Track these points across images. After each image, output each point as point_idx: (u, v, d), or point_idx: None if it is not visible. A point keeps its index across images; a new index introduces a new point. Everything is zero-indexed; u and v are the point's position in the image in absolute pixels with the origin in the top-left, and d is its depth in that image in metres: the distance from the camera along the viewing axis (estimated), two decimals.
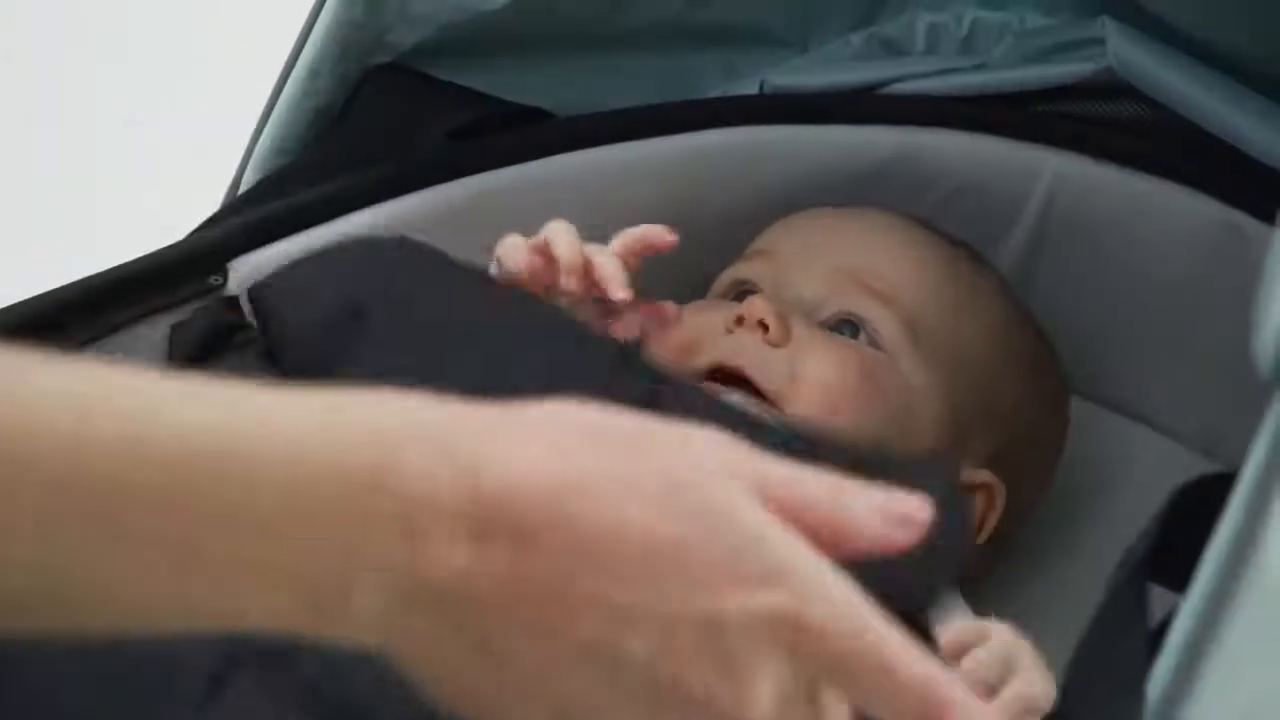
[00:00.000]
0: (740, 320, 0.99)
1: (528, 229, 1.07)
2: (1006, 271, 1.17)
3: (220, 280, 0.98)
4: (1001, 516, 1.02)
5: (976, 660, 0.81)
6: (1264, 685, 0.62)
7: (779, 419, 0.92)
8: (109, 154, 1.56)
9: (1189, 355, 1.13)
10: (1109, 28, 1.11)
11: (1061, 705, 0.67)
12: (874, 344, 1.01)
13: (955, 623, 0.82)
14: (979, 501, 1.02)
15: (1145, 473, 1.14)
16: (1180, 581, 0.64)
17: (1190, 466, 1.11)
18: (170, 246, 0.92)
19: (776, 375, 0.97)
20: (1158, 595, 0.70)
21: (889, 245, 1.05)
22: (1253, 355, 0.64)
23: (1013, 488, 1.03)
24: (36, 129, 1.59)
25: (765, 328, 0.98)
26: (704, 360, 0.99)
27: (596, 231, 1.11)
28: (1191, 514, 0.69)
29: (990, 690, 0.79)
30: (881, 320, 1.01)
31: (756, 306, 0.99)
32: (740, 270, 1.06)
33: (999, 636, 0.82)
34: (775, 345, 0.98)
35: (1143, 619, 0.67)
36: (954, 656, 0.81)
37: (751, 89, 1.20)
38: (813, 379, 0.97)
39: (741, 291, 1.05)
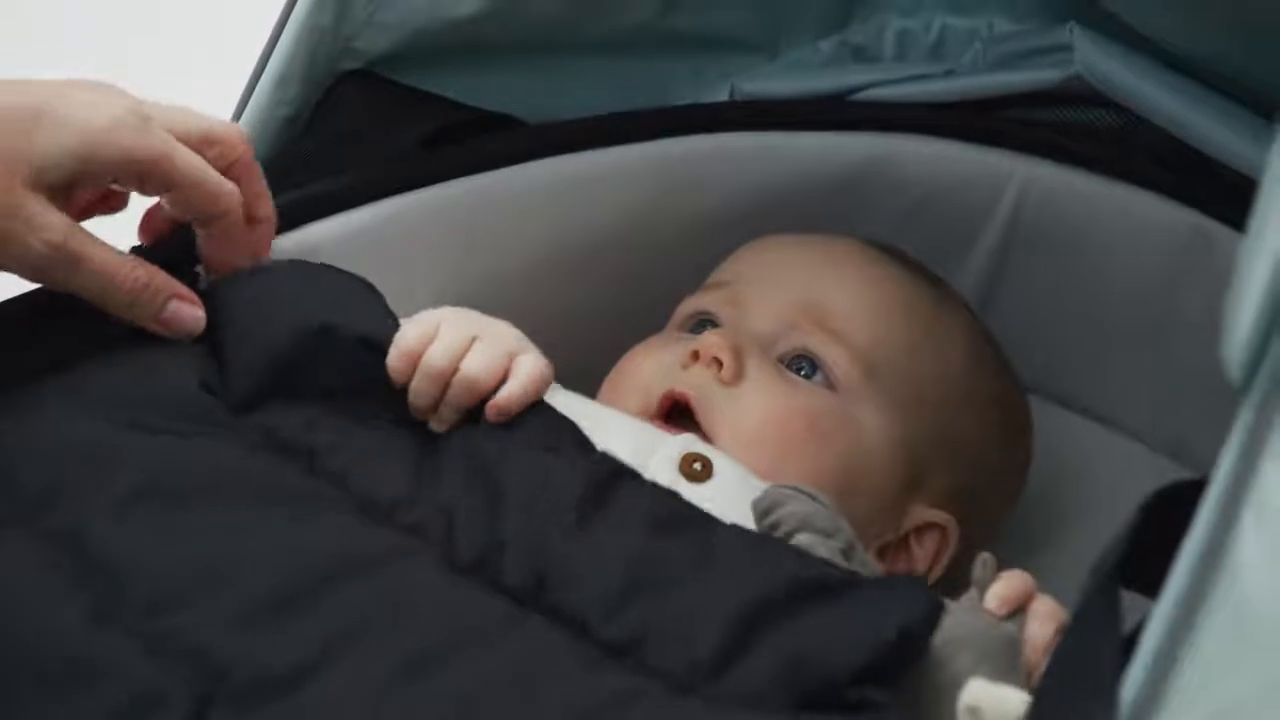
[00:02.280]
0: (696, 356, 0.99)
1: (497, 237, 1.07)
2: (975, 277, 1.18)
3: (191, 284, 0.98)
4: (958, 550, 1.02)
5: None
6: (1236, 691, 0.62)
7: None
8: None
9: (1156, 360, 1.14)
10: (1077, 34, 1.11)
11: (1035, 710, 0.67)
12: (829, 383, 1.01)
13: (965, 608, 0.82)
14: (933, 540, 1.02)
15: (1112, 476, 1.14)
16: (1153, 588, 0.64)
17: (1157, 470, 1.12)
18: (141, 248, 0.92)
19: (724, 416, 0.97)
20: (1130, 601, 0.71)
21: (848, 281, 1.04)
22: (1221, 360, 0.64)
23: (970, 523, 1.03)
24: None
25: (719, 364, 0.98)
26: (657, 392, 0.98)
27: (566, 242, 1.11)
28: (1163, 520, 0.69)
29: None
30: (837, 360, 1.01)
31: (711, 343, 0.99)
32: (700, 301, 1.06)
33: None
34: (727, 384, 0.98)
35: (1115, 625, 0.68)
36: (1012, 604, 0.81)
37: (721, 96, 1.20)
38: (757, 424, 0.97)
39: (702, 321, 1.05)
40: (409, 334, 0.87)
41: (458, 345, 0.87)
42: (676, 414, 0.98)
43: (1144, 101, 1.09)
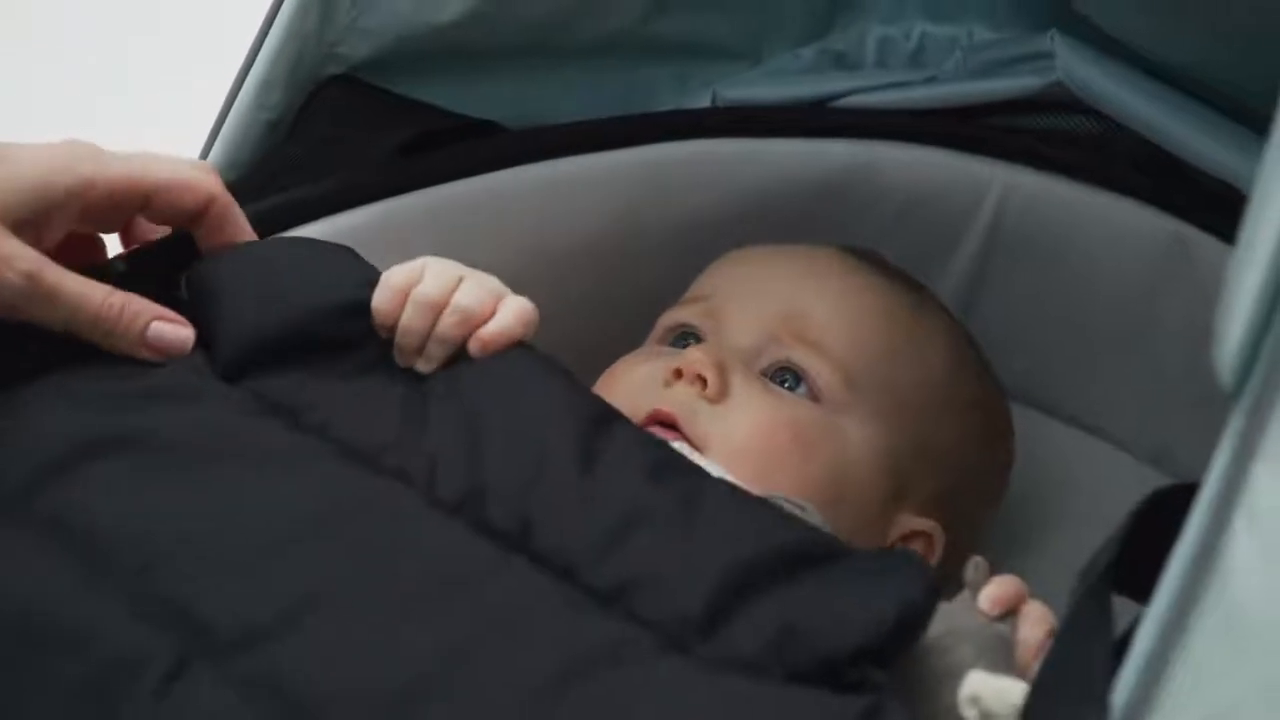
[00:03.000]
0: (679, 374, 0.99)
1: (480, 243, 1.07)
2: (956, 283, 1.18)
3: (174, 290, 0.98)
4: (943, 556, 1.02)
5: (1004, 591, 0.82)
6: (1228, 694, 0.63)
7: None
8: None
9: (1137, 366, 1.14)
10: (1057, 42, 1.12)
11: (1027, 715, 0.67)
12: (813, 394, 1.01)
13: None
14: (919, 547, 1.02)
15: (1094, 483, 1.14)
16: (1143, 593, 0.65)
17: (1140, 476, 1.13)
18: (120, 257, 0.91)
19: (711, 433, 0.97)
20: (1121, 606, 0.71)
21: (828, 291, 1.05)
22: (1212, 367, 0.64)
23: (953, 529, 1.03)
24: None
25: (703, 382, 0.99)
26: (642, 410, 0.98)
27: (549, 248, 1.11)
28: (1153, 525, 0.70)
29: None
30: (819, 371, 1.01)
31: (695, 361, 0.99)
32: (681, 314, 1.06)
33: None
34: (712, 401, 0.98)
35: (1107, 629, 0.68)
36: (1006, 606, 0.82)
37: (703, 102, 1.20)
38: (744, 438, 0.97)
39: (683, 333, 1.05)
40: (396, 273, 0.87)
41: (447, 281, 0.87)
42: (662, 427, 0.98)
43: (1124, 109, 1.09)
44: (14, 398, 0.85)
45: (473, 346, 0.85)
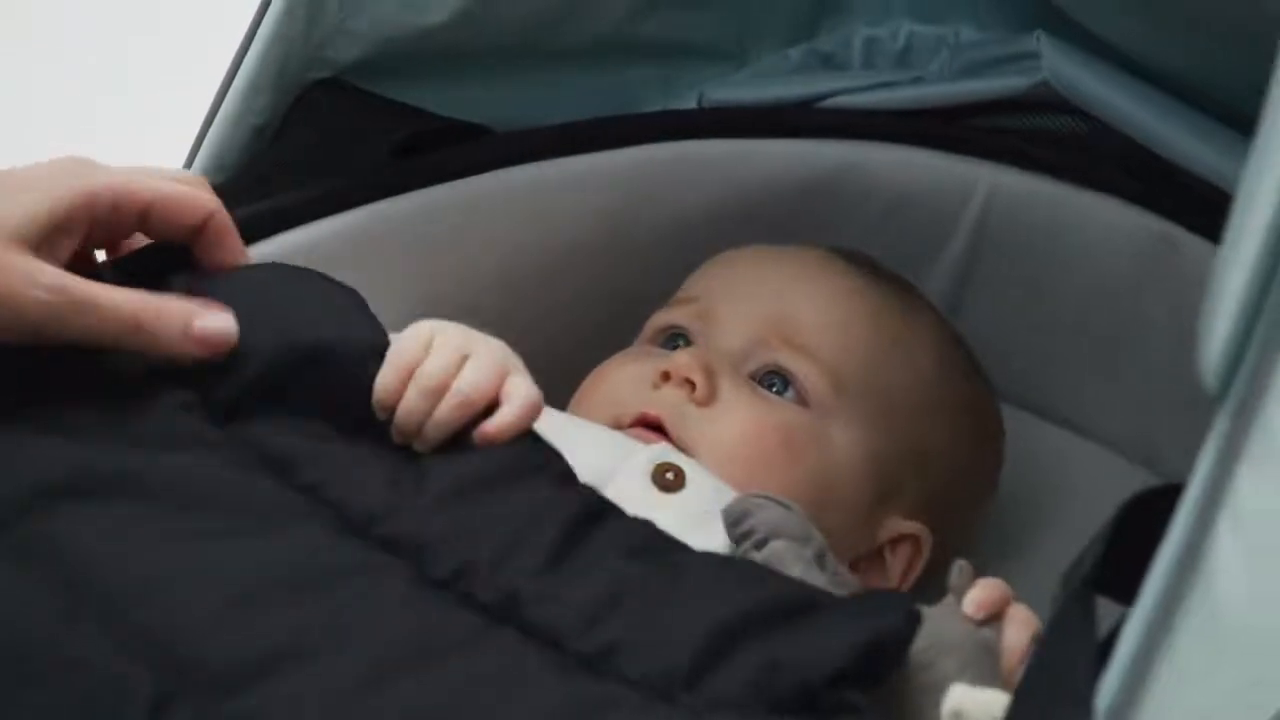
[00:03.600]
0: (667, 376, 0.99)
1: (469, 245, 1.08)
2: (943, 283, 1.18)
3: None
4: (931, 557, 1.03)
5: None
6: (1211, 696, 0.63)
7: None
8: None
9: (1125, 366, 1.14)
10: (1044, 42, 1.12)
11: (1011, 718, 0.67)
12: (801, 399, 1.01)
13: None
14: (906, 550, 1.03)
15: (1085, 484, 1.14)
16: (1127, 594, 0.65)
17: (1130, 477, 1.13)
18: (104, 265, 0.91)
19: (699, 436, 0.97)
20: (1104, 607, 0.71)
21: (817, 294, 1.05)
22: (1196, 368, 0.64)
23: (942, 531, 1.04)
24: None
25: (692, 385, 0.99)
26: (629, 413, 0.98)
27: (537, 250, 1.11)
28: (1137, 527, 0.70)
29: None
30: (808, 375, 1.01)
31: (683, 364, 0.99)
32: (670, 316, 1.06)
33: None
34: (700, 405, 0.98)
35: (1091, 631, 0.68)
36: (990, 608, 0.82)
37: (690, 104, 1.20)
38: (732, 442, 0.97)
39: (672, 335, 1.05)
40: (404, 350, 0.84)
41: (451, 360, 0.84)
42: (649, 429, 0.98)
43: (1110, 109, 1.10)
44: (6, 424, 0.84)
45: (479, 439, 0.83)
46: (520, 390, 0.84)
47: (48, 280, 0.81)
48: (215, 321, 0.84)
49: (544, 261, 1.12)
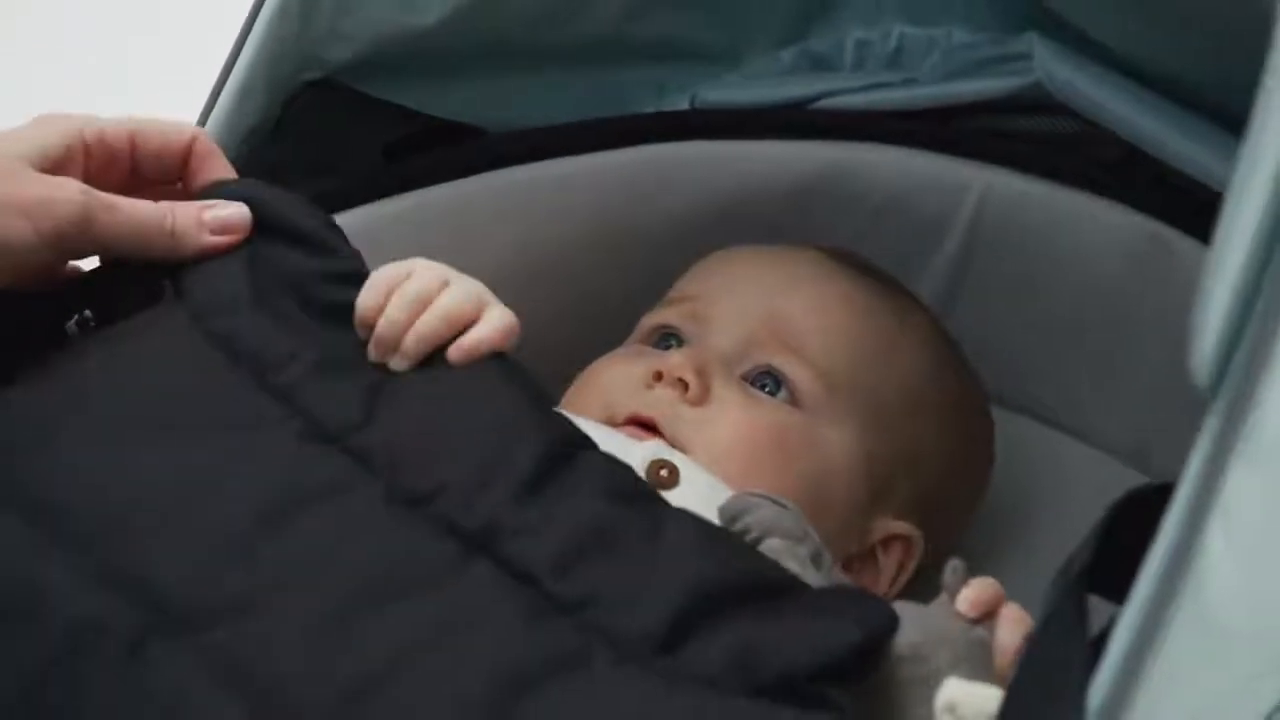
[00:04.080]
0: (659, 376, 0.99)
1: (461, 247, 1.07)
2: (936, 285, 1.18)
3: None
4: (922, 558, 1.03)
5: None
6: (1202, 694, 0.63)
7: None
8: None
9: (1118, 368, 1.14)
10: (1036, 43, 1.12)
11: (1004, 716, 0.68)
12: (794, 399, 1.01)
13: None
14: (898, 551, 1.03)
15: (1077, 484, 1.14)
16: (1119, 593, 0.65)
17: (1123, 478, 1.13)
18: (109, 265, 0.92)
19: (693, 437, 0.97)
20: (1096, 606, 0.71)
21: (810, 295, 1.05)
22: (1188, 367, 0.65)
23: (933, 531, 1.04)
24: None
25: (684, 385, 0.99)
26: (621, 413, 0.98)
27: (529, 251, 1.11)
28: (1130, 526, 0.70)
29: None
30: (800, 376, 1.01)
31: (676, 364, 0.99)
32: (663, 315, 1.06)
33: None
34: (693, 405, 0.98)
35: (1082, 630, 0.68)
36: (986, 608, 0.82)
37: (683, 105, 1.20)
38: (726, 442, 0.97)
39: (665, 335, 1.05)
40: (384, 271, 0.87)
41: (433, 281, 0.86)
42: (642, 429, 0.98)
43: (1102, 110, 1.10)
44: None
45: (452, 353, 0.85)
46: (497, 312, 0.86)
47: (73, 187, 0.84)
48: (227, 209, 0.89)
49: (537, 262, 1.12)
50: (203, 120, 1.05)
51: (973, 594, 0.81)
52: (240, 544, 0.75)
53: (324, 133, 1.08)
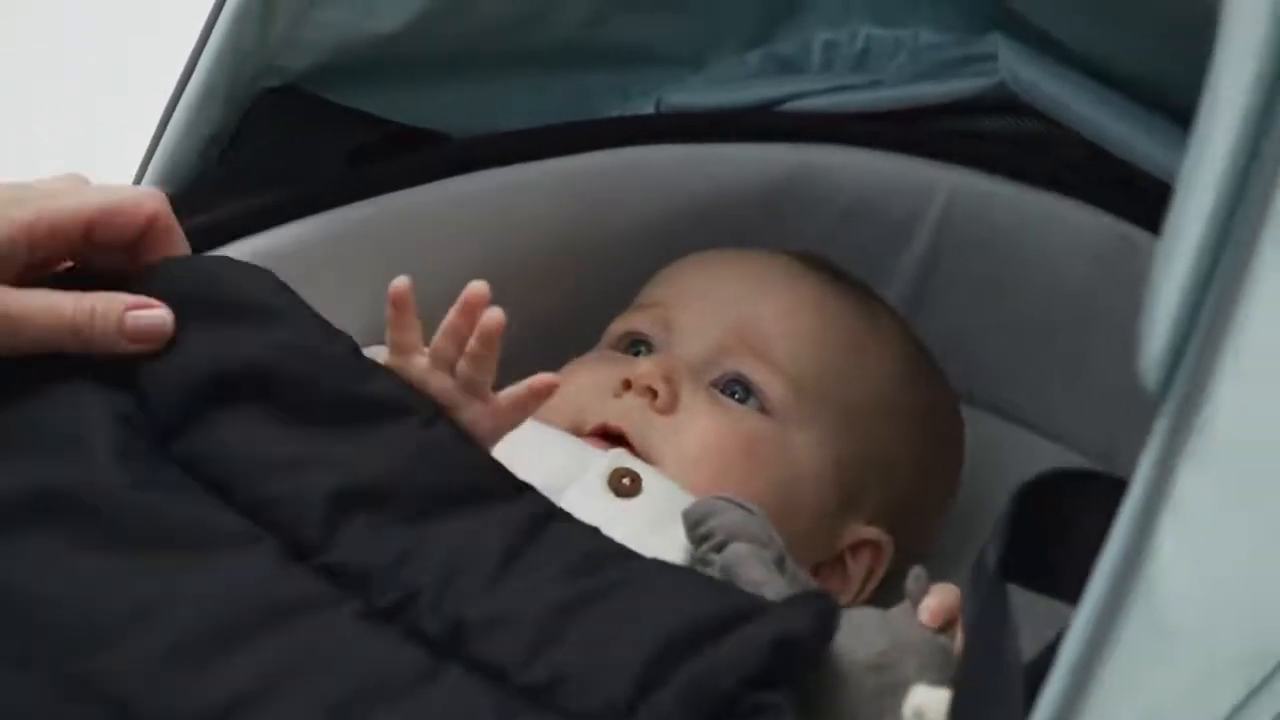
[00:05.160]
0: (628, 384, 0.99)
1: (424, 253, 1.07)
2: (904, 287, 1.18)
3: None
4: (892, 562, 1.03)
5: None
6: (1155, 697, 0.63)
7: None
8: None
9: (1086, 367, 1.14)
10: (1001, 44, 1.12)
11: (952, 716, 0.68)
12: (763, 407, 1.01)
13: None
14: (867, 556, 1.03)
15: None
16: (1036, 579, 0.65)
17: None
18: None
19: (660, 445, 0.97)
20: (1049, 608, 0.71)
21: (779, 301, 1.04)
22: (1137, 368, 0.64)
23: (903, 533, 1.04)
24: None
25: (653, 394, 0.98)
26: (590, 422, 0.98)
27: (493, 257, 1.11)
28: (1040, 511, 0.70)
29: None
30: (769, 384, 1.01)
31: (644, 373, 0.99)
32: (632, 321, 1.06)
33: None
34: (662, 413, 0.98)
35: (1010, 625, 0.68)
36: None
37: (648, 109, 1.20)
38: (696, 451, 0.97)
39: (634, 341, 1.04)
40: None
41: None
42: (609, 439, 0.98)
43: (1067, 110, 1.10)
44: None
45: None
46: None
47: None
48: (148, 318, 0.85)
49: (502, 268, 1.10)
50: (160, 129, 1.05)
51: (934, 603, 0.81)
52: (216, 657, 0.74)
53: (286, 140, 1.07)
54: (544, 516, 0.81)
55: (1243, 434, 0.62)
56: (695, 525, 0.88)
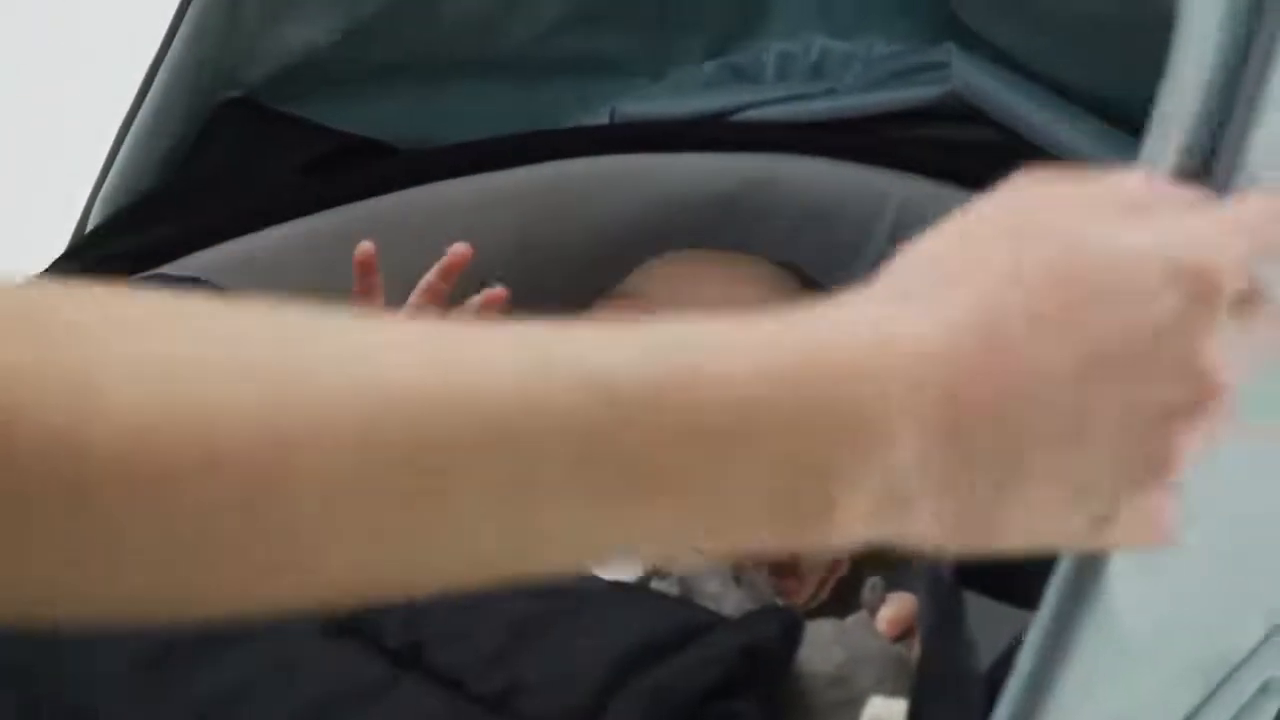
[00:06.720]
0: None
1: (381, 265, 1.07)
2: None
3: None
4: (848, 569, 1.03)
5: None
6: (1112, 706, 0.63)
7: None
8: None
9: None
10: (954, 53, 1.13)
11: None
12: None
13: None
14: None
15: None
16: (983, 584, 0.65)
17: None
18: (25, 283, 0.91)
19: None
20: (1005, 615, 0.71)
21: (754, 302, 1.05)
22: None
23: None
24: None
25: None
26: None
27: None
28: None
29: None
30: None
31: None
32: (603, 317, 1.06)
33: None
34: None
35: (965, 632, 0.69)
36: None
37: (604, 119, 1.20)
38: None
39: None
40: None
41: None
42: None
43: (1019, 118, 1.10)
44: None
45: None
46: None
47: None
48: None
49: (461, 277, 1.11)
50: (119, 141, 1.04)
51: (891, 613, 0.82)
52: (177, 673, 0.75)
53: (241, 151, 1.07)
54: None
55: None
56: None
